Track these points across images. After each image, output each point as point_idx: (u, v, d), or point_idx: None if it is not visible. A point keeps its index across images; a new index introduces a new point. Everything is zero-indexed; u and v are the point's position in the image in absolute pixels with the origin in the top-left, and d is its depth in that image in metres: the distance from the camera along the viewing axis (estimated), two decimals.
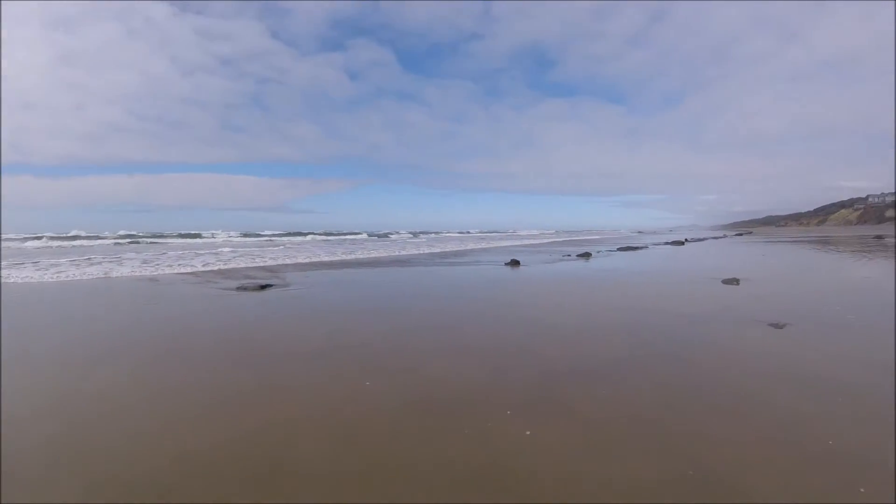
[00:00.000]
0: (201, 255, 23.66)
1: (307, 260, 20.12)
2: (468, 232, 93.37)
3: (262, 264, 18.07)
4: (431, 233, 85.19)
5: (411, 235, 70.40)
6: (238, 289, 10.86)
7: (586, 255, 21.10)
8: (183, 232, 63.86)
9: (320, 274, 14.45)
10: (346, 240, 51.92)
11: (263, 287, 10.96)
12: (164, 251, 27.86)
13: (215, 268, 16.70)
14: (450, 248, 29.39)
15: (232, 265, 17.69)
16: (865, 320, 6.91)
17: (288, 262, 19.13)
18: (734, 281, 10.96)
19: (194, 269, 16.13)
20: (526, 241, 40.39)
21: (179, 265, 17.72)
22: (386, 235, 68.54)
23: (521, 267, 16.64)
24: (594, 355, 5.34)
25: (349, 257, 21.90)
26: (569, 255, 21.86)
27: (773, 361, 5.00)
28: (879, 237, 33.42)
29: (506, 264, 17.47)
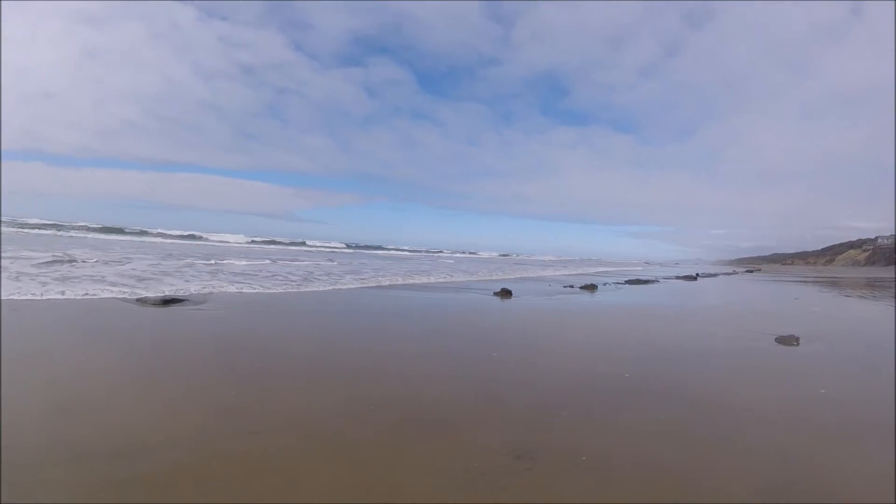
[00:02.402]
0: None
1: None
2: (473, 253, 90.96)
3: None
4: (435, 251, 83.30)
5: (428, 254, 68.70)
6: None
7: (591, 288, 18.36)
8: (186, 233, 62.07)
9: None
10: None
11: None
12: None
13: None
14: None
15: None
16: None
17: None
18: (792, 340, 8.20)
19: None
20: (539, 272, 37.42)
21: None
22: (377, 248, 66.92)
23: (512, 298, 13.88)
24: None
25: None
26: (571, 286, 19.15)
27: None
28: None
29: (495, 294, 14.74)
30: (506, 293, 14.71)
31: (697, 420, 4.36)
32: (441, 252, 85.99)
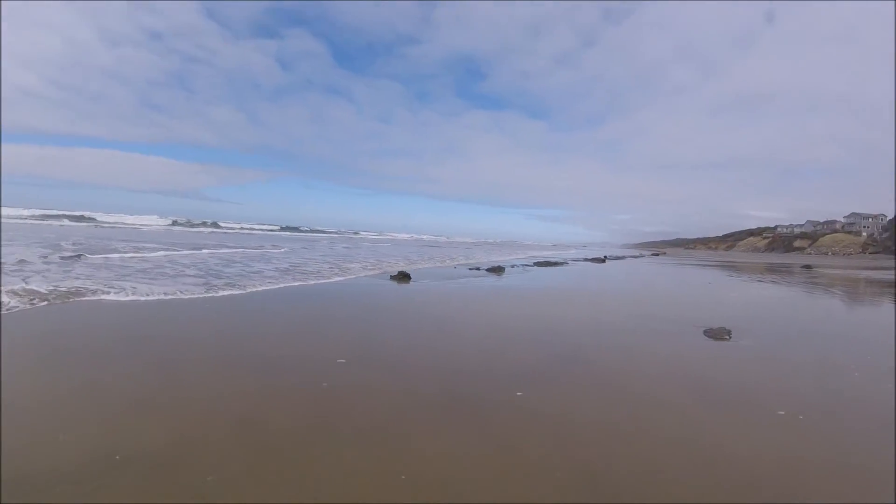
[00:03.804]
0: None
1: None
2: (387, 234, 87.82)
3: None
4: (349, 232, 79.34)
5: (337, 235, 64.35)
6: None
7: (498, 270, 16.90)
8: (77, 213, 53.19)
9: None
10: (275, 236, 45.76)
11: None
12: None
13: None
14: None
15: None
16: None
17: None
18: (723, 334, 6.86)
19: None
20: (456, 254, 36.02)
21: None
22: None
23: (411, 283, 12.05)
24: None
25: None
26: (477, 268, 17.63)
27: None
28: (807, 267, 32.20)
29: (392, 278, 12.86)
30: (404, 276, 12.91)
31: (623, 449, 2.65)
32: (358, 234, 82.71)
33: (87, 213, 55.36)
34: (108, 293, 7.99)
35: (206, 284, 9.68)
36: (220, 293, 8.91)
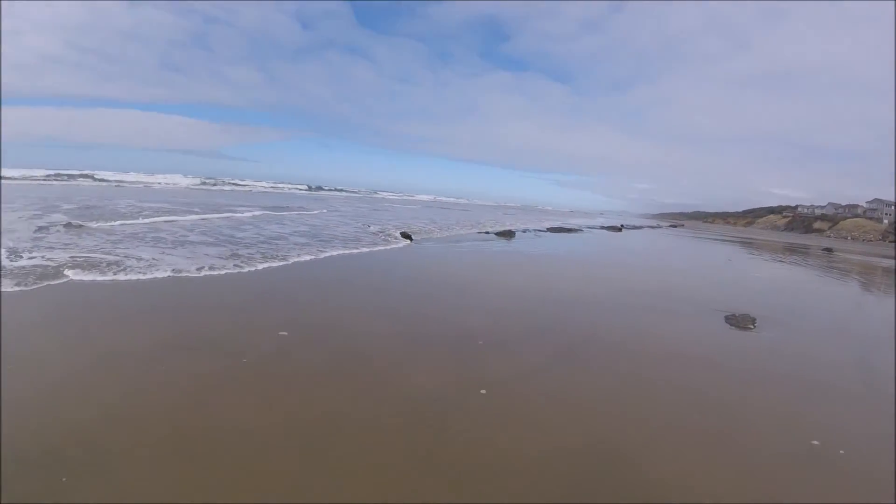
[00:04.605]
0: None
1: None
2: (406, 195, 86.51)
3: None
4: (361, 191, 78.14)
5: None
6: None
7: (508, 234, 16.17)
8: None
9: None
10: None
11: None
12: None
13: None
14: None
15: None
16: None
17: None
18: (747, 322, 6.15)
19: None
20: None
21: None
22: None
23: (413, 245, 11.42)
24: None
25: None
26: (487, 233, 16.91)
27: None
28: (828, 250, 31.00)
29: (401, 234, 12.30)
30: (406, 236, 12.38)
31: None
32: (377, 193, 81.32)
33: (108, 174, 49.88)
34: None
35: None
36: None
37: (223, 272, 6.68)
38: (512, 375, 3.84)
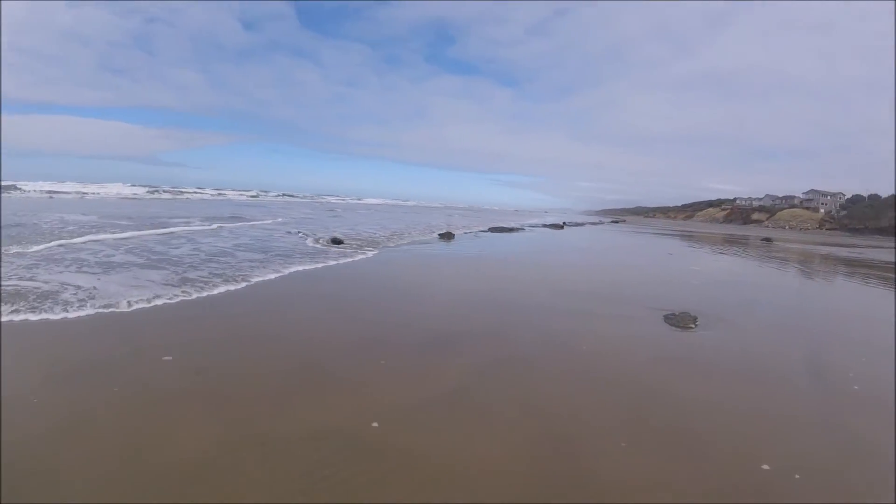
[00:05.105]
0: None
1: None
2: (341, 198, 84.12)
3: None
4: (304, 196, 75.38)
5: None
6: None
7: (448, 237, 15.36)
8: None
9: None
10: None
11: None
12: None
13: None
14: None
15: None
16: None
17: None
18: (688, 321, 5.51)
19: None
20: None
21: None
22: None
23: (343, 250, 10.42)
24: None
25: None
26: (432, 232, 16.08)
27: None
28: (767, 240, 31.73)
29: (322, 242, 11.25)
30: (336, 241, 11.40)
31: None
32: (324, 198, 78.78)
33: (43, 185, 43.20)
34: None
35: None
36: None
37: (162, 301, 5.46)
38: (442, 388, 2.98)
